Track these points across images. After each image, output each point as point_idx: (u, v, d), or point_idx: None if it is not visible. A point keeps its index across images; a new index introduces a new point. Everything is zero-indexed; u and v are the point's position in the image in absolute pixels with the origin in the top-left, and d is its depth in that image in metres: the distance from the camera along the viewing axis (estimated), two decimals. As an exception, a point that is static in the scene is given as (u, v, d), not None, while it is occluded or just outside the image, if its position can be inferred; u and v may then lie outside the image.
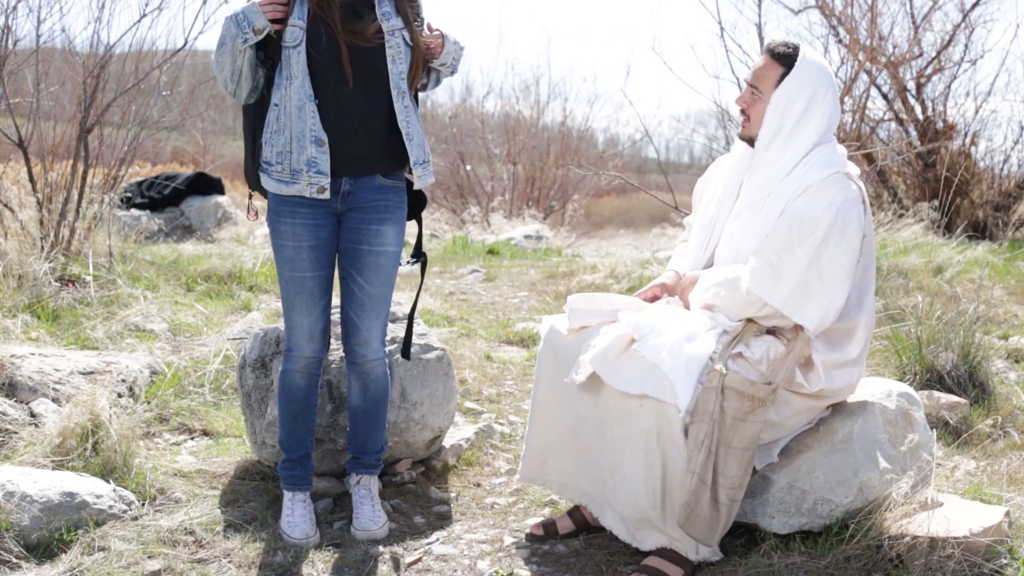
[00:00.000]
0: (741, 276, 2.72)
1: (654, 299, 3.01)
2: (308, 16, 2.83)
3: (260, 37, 2.80)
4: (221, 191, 11.15)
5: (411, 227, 3.34)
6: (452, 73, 3.05)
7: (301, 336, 2.96)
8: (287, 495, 3.01)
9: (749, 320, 2.76)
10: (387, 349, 3.37)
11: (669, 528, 2.68)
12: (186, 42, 6.03)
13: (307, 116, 2.83)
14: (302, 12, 2.83)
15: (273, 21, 2.81)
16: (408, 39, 2.90)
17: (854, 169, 2.81)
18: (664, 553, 2.70)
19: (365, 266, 2.96)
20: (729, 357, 2.68)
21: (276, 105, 2.86)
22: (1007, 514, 2.74)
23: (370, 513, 3.02)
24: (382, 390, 3.06)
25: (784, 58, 2.78)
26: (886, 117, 10.59)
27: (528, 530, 3.01)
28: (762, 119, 2.81)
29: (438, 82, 3.11)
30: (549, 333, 2.97)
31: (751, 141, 2.87)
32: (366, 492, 3.07)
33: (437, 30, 2.96)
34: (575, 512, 3.02)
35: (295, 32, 2.82)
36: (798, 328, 2.73)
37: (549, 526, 2.99)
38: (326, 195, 2.87)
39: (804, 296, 2.65)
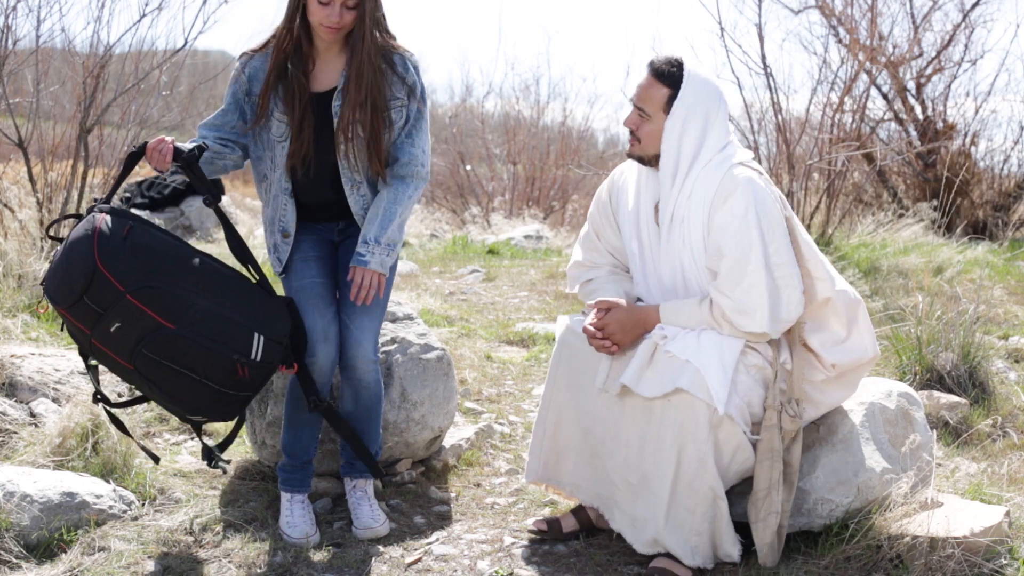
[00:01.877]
0: (727, 318, 2.69)
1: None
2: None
3: (174, 169, 2.90)
4: (221, 191, 11.15)
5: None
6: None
7: (316, 338, 2.92)
8: (285, 496, 3.01)
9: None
10: (380, 356, 3.37)
11: (666, 533, 2.67)
12: (186, 42, 6.04)
13: (279, 207, 3.01)
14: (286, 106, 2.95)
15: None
16: (361, 131, 2.92)
17: (744, 154, 2.77)
18: (671, 555, 2.70)
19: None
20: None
21: (266, 177, 3.05)
22: (1007, 514, 2.74)
23: (369, 512, 3.02)
24: (374, 397, 3.03)
25: (668, 77, 2.71)
26: (886, 117, 10.59)
27: (532, 524, 3.00)
28: (654, 140, 2.75)
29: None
30: (566, 332, 2.94)
31: (643, 160, 2.82)
32: (362, 494, 3.07)
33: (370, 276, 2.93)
34: (580, 511, 3.01)
35: (280, 127, 2.94)
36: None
37: (553, 523, 2.99)
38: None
39: (776, 307, 2.66)
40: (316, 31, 2.89)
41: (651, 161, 2.80)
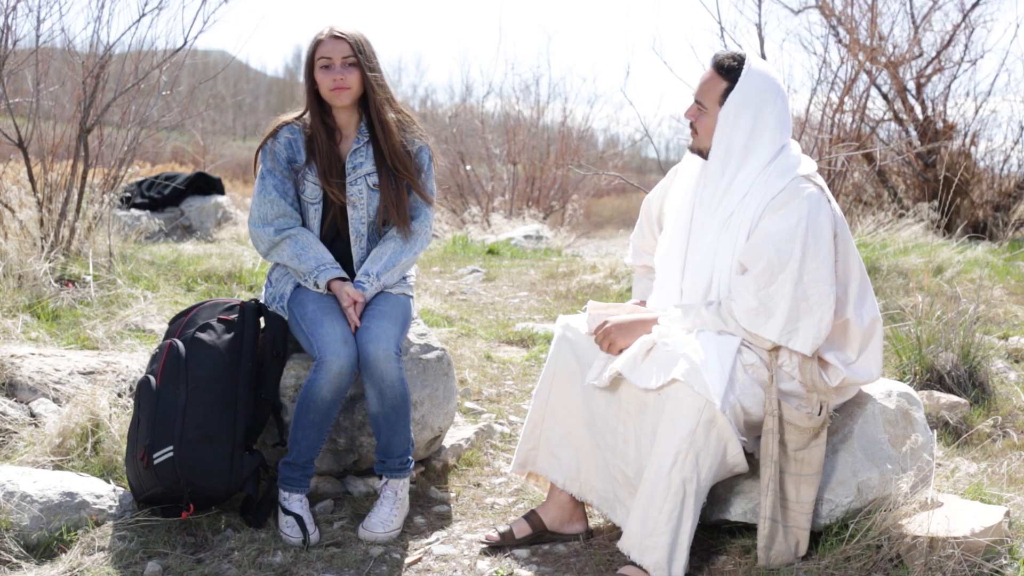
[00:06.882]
0: (734, 315, 2.70)
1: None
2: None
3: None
4: (221, 191, 11.15)
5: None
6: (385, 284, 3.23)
7: (335, 340, 2.99)
8: (283, 495, 3.00)
9: None
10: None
11: (628, 524, 2.68)
12: (186, 42, 6.02)
13: None
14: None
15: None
16: (372, 184, 3.21)
17: (810, 165, 2.76)
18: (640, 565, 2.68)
19: (378, 296, 3.22)
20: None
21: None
22: (1007, 514, 2.74)
23: (384, 515, 3.00)
24: (399, 396, 3.04)
25: (728, 71, 2.72)
26: (886, 117, 10.59)
27: (485, 537, 2.98)
28: (710, 133, 2.77)
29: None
30: (566, 329, 2.96)
31: (701, 153, 2.83)
32: (391, 494, 3.05)
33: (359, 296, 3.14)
34: (532, 515, 3.00)
35: (315, 190, 3.22)
36: None
37: (506, 534, 2.97)
38: None
39: (795, 321, 2.66)
40: (330, 100, 3.15)
41: (708, 154, 2.82)
